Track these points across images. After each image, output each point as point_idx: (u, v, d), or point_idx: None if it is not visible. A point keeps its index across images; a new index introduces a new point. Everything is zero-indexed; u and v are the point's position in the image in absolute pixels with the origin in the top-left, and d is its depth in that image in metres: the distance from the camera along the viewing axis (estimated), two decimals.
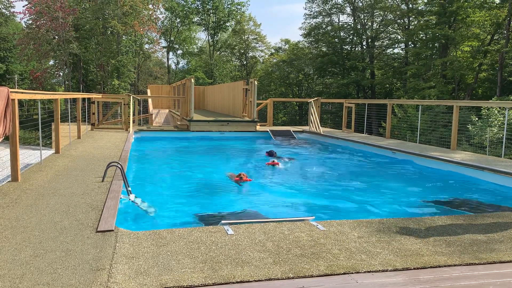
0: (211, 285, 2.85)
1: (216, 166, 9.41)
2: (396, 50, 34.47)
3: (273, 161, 9.27)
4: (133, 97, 15.17)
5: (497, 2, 23.65)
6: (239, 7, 43.83)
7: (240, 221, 4.32)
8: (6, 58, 40.28)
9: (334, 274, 3.06)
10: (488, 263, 3.34)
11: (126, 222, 4.73)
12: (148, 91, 26.09)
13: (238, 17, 44.28)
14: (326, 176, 8.76)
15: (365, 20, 34.66)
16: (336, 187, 7.64)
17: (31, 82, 37.44)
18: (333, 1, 35.71)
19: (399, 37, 32.74)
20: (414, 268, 3.20)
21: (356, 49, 35.68)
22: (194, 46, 48.40)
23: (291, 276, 3.00)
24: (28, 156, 8.16)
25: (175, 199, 6.42)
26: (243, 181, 7.39)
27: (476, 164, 7.89)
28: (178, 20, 43.36)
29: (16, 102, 5.75)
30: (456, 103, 10.54)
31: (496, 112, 14.77)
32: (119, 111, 18.10)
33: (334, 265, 3.19)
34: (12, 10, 41.20)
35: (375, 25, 34.35)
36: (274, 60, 42.62)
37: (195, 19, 43.88)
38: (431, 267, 3.23)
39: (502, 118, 13.91)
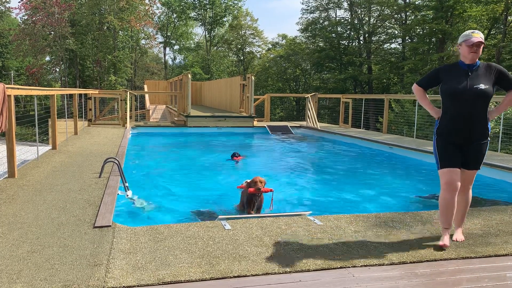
0: (208, 280, 2.86)
1: (213, 162, 9.41)
2: (393, 45, 34.54)
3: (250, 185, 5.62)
4: (130, 92, 15.14)
5: None
6: (235, 2, 43.71)
7: (237, 216, 4.33)
8: (2, 54, 40.08)
9: (331, 268, 3.07)
10: (483, 257, 3.36)
11: (124, 217, 4.73)
12: (145, 86, 26.03)
13: (235, 12, 44.13)
14: (322, 171, 8.78)
15: (362, 15, 34.61)
16: (333, 182, 7.66)
17: (27, 78, 37.32)
18: None
19: (396, 32, 32.74)
20: (411, 262, 3.21)
21: (353, 44, 35.67)
22: (191, 41, 48.26)
23: (288, 270, 3.01)
24: (25, 152, 8.14)
25: (172, 195, 6.43)
26: (261, 192, 5.09)
27: None
28: (175, 15, 43.20)
29: (12, 98, 5.73)
30: None
31: (492, 106, 14.80)
32: (116, 107, 18.08)
33: (331, 259, 3.21)
34: (7, 5, 40.97)
35: (372, 20, 34.32)
36: (271, 56, 42.57)
37: (192, 14, 43.74)
38: (427, 261, 3.25)
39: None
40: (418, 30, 28.84)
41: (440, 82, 3.55)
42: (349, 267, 3.11)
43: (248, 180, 5.75)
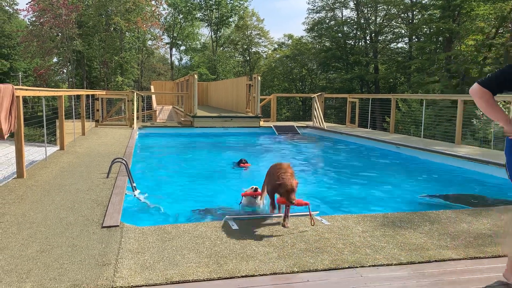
0: (216, 280, 2.87)
1: (220, 162, 9.42)
2: (400, 45, 34.38)
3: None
4: (136, 93, 15.20)
5: None
6: (241, 2, 43.70)
7: (244, 216, 4.34)
8: (10, 55, 40.40)
9: (339, 269, 3.07)
10: (493, 257, 3.34)
11: (131, 217, 4.75)
12: (152, 87, 26.11)
13: (241, 12, 44.15)
14: (329, 171, 8.75)
15: (369, 15, 34.50)
16: (340, 181, 7.63)
17: (35, 79, 37.59)
18: None
19: (403, 31, 32.59)
20: (419, 262, 3.20)
21: (360, 43, 35.55)
22: (197, 42, 48.34)
23: (296, 270, 3.01)
24: (33, 152, 8.20)
25: (179, 195, 6.44)
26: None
27: (480, 158, 7.86)
28: (181, 16, 43.30)
29: (21, 99, 5.78)
30: (461, 97, 10.48)
31: (501, 106, 14.69)
32: (123, 108, 18.15)
33: (339, 259, 3.20)
34: (15, 7, 41.33)
35: (379, 19, 34.19)
36: (277, 56, 42.54)
37: (198, 15, 43.80)
38: (436, 261, 3.23)
39: (507, 112, 13.85)
40: (425, 29, 28.68)
41: None
42: (357, 267, 3.10)
43: (254, 186, 5.09)
